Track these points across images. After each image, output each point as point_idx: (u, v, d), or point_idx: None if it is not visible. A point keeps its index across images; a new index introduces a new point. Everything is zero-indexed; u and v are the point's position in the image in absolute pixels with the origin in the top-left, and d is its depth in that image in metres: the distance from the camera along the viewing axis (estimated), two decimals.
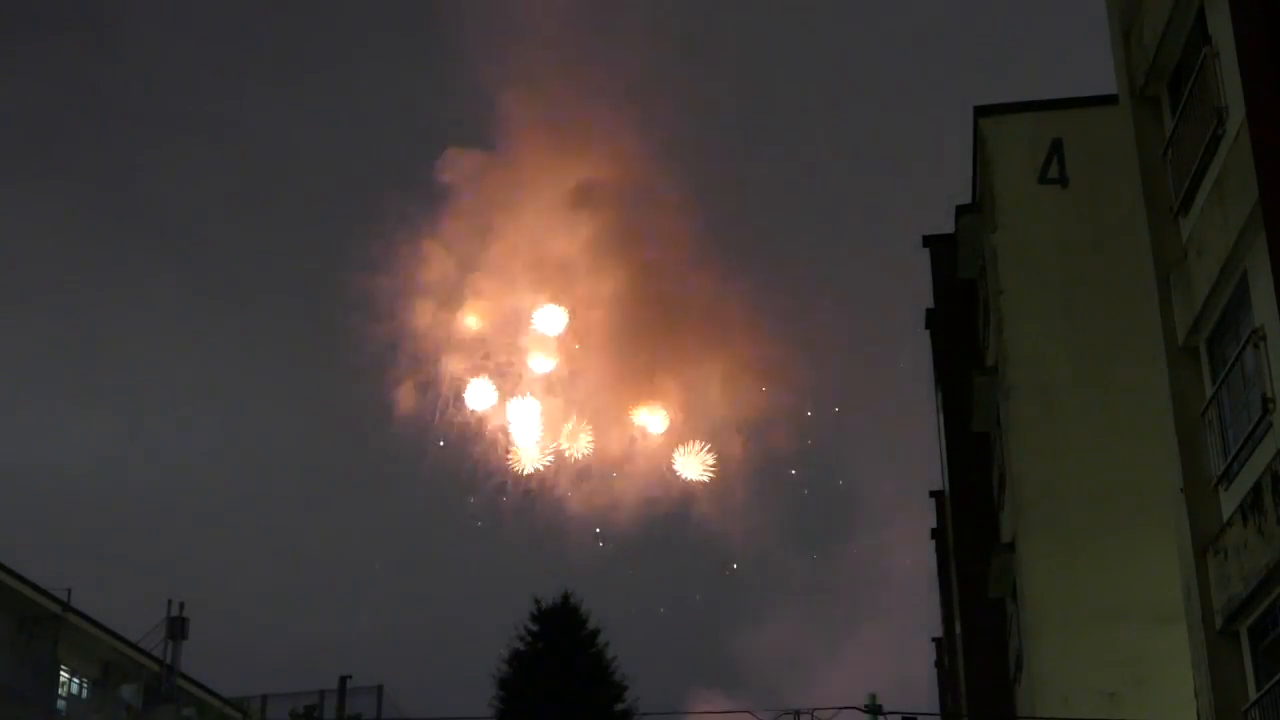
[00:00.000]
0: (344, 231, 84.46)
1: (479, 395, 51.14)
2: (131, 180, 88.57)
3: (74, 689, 39.43)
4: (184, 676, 37.89)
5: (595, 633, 29.27)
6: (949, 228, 31.60)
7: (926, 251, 34.69)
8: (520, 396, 50.66)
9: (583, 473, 51.04)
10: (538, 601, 29.31)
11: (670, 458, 50.67)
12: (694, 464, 49.92)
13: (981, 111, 28.71)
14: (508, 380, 51.48)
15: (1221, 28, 15.92)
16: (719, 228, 71.92)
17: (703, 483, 50.78)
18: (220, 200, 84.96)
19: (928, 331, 36.73)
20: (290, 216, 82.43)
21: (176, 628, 35.15)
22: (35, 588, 35.75)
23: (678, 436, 51.54)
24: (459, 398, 51.57)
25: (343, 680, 38.21)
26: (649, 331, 54.33)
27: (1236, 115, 15.41)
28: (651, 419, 52.09)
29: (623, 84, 61.42)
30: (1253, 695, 15.65)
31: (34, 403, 79.04)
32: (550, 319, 51.52)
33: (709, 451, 50.20)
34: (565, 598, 29.42)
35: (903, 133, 72.61)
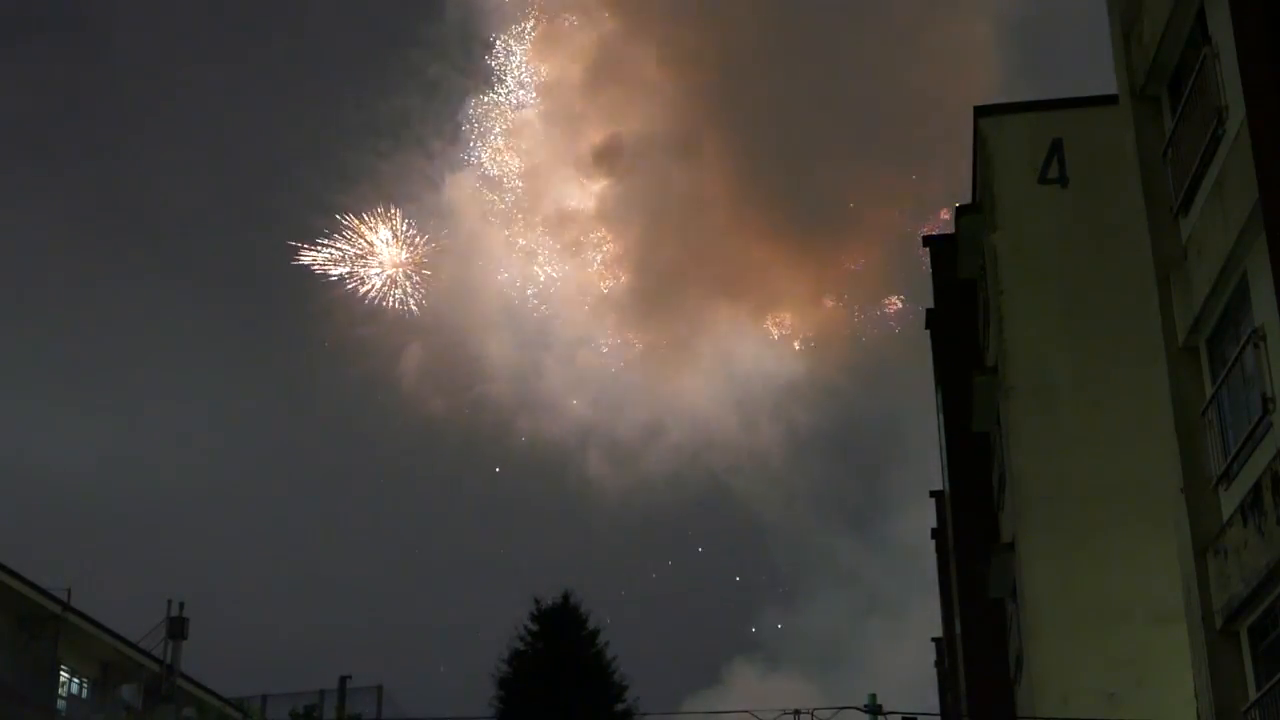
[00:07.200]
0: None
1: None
2: (129, 180, 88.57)
3: (74, 689, 39.40)
4: (184, 676, 37.86)
5: (595, 632, 29.22)
6: (949, 228, 31.59)
7: (926, 251, 34.69)
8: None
9: (611, 448, 51.41)
10: (538, 601, 29.28)
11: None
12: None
13: (981, 111, 28.69)
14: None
15: (1221, 28, 15.91)
16: (721, 222, 72.04)
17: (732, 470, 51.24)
18: (217, 202, 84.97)
19: (928, 331, 36.71)
20: (287, 216, 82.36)
21: (176, 628, 35.16)
22: (35, 588, 35.72)
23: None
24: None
25: (343, 680, 38.19)
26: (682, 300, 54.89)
27: (1236, 115, 15.40)
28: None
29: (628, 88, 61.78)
30: (1253, 695, 15.65)
31: (34, 403, 78.98)
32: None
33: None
34: (565, 597, 29.37)
35: (903, 133, 72.66)
